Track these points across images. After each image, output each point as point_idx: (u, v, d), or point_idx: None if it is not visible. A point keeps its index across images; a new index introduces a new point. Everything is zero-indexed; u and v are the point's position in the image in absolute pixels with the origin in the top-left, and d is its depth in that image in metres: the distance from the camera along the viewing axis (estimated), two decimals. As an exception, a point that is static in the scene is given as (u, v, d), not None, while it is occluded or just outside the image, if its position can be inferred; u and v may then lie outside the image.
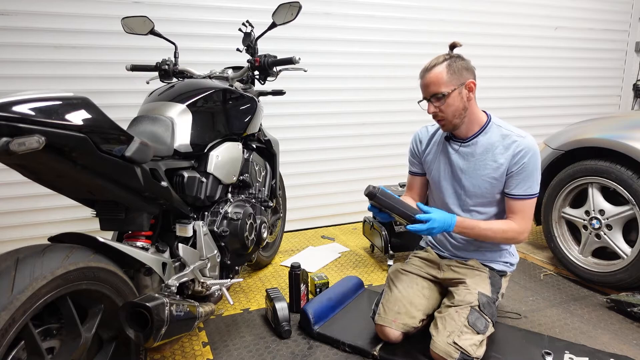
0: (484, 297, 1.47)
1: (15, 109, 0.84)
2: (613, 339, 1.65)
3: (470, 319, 1.40)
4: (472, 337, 1.37)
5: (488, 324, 1.42)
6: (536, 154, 1.46)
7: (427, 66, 1.46)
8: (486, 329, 1.41)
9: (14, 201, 2.36)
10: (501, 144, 1.48)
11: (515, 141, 1.46)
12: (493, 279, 1.57)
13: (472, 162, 1.53)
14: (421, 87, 1.49)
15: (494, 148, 1.49)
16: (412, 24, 3.08)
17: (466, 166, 1.54)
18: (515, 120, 3.59)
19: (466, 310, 1.42)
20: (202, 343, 1.64)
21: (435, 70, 1.43)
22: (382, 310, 1.55)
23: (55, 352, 0.99)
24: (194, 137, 1.46)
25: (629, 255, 1.90)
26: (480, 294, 1.48)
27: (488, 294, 1.50)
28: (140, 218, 1.24)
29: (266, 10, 2.63)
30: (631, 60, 3.96)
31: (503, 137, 1.49)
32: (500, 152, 1.48)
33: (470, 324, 1.39)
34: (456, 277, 1.58)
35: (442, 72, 1.42)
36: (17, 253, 0.91)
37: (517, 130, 1.50)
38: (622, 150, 1.89)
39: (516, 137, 1.47)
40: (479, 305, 1.44)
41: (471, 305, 1.44)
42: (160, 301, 1.10)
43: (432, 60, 1.46)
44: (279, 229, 2.47)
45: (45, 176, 1.04)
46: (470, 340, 1.36)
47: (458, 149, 1.56)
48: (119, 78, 2.44)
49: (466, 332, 1.38)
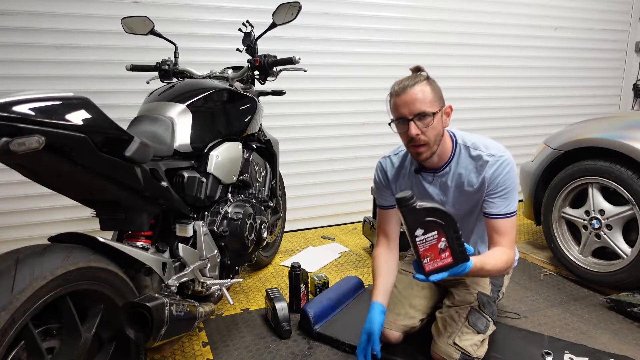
0: (484, 297, 1.47)
1: (15, 109, 0.84)
2: (613, 339, 1.65)
3: (471, 319, 1.40)
4: (472, 337, 1.37)
5: (489, 323, 1.42)
6: (511, 169, 1.36)
7: (405, 84, 1.28)
8: (487, 329, 1.41)
9: (14, 201, 2.36)
10: (473, 168, 1.38)
11: (487, 162, 1.35)
12: (493, 278, 1.56)
13: (450, 193, 1.44)
14: (399, 106, 1.30)
15: (468, 173, 1.38)
16: (411, 24, 3.08)
17: (445, 198, 1.45)
18: (515, 120, 3.59)
19: (466, 311, 1.42)
20: (202, 343, 1.64)
21: (419, 88, 1.27)
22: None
23: (55, 352, 0.99)
24: (194, 137, 1.46)
25: (629, 255, 1.90)
26: (480, 293, 1.47)
27: (488, 293, 1.50)
28: (140, 218, 1.24)
29: (266, 10, 2.62)
30: (631, 60, 3.96)
31: (473, 159, 1.38)
32: (475, 176, 1.38)
33: (470, 324, 1.39)
34: (456, 277, 1.56)
35: (428, 90, 1.27)
36: (17, 253, 0.91)
37: (483, 148, 1.38)
38: (622, 150, 1.89)
39: (486, 156, 1.36)
40: (479, 305, 1.44)
41: (471, 306, 1.43)
42: (160, 301, 1.10)
43: (404, 79, 1.30)
44: (279, 229, 2.47)
45: (45, 176, 1.04)
46: (470, 340, 1.36)
47: (432, 180, 1.44)
48: (119, 78, 2.44)
49: (467, 332, 1.38)
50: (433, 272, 1.03)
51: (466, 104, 3.36)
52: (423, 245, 1.01)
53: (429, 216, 0.99)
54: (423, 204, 0.99)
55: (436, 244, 1.01)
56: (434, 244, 1.01)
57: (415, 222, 1.01)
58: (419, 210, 0.99)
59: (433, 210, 1.00)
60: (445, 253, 1.02)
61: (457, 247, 1.02)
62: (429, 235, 1.01)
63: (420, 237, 1.01)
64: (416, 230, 1.00)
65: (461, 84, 3.31)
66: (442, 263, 1.03)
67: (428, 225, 1.00)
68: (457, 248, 1.02)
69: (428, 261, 1.02)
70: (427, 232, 1.00)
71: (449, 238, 1.01)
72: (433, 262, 1.03)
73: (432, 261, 1.03)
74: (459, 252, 1.03)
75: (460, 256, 1.03)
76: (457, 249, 1.02)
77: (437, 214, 1.00)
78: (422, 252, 1.02)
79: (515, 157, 1.41)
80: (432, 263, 1.03)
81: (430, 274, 1.04)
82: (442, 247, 1.01)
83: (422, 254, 1.02)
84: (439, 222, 1.00)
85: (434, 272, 1.04)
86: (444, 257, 1.03)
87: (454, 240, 1.02)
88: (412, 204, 0.99)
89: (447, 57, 3.23)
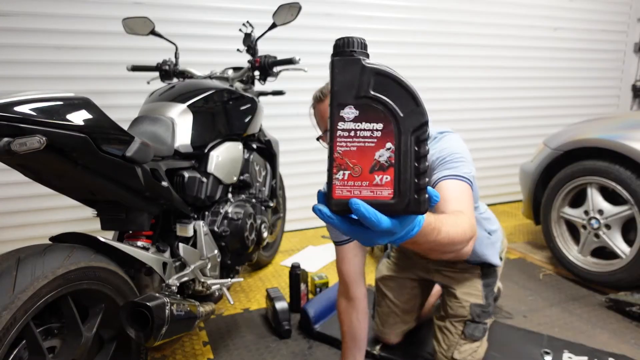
0: (478, 308, 1.39)
1: (17, 109, 0.84)
2: (612, 338, 1.65)
3: (467, 331, 1.38)
4: (470, 346, 1.37)
5: (486, 327, 1.41)
6: (452, 139, 1.19)
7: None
8: (485, 333, 1.40)
9: (15, 201, 2.36)
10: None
11: (434, 137, 1.22)
12: (486, 279, 1.43)
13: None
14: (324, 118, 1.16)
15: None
16: (412, 25, 3.08)
17: None
18: (514, 120, 3.60)
19: (461, 325, 1.39)
20: (202, 342, 1.64)
21: None
22: (378, 322, 1.57)
23: (56, 351, 0.99)
24: (195, 137, 1.47)
25: (627, 255, 1.90)
26: (473, 306, 1.38)
27: (481, 302, 1.40)
28: (141, 218, 1.24)
29: (266, 10, 2.63)
30: (630, 60, 3.96)
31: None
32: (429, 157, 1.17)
33: (467, 336, 1.37)
34: (445, 282, 1.45)
35: None
36: (18, 253, 0.91)
37: (433, 130, 1.25)
38: (620, 151, 1.89)
39: (433, 134, 1.23)
40: (472, 318, 1.38)
41: (465, 319, 1.39)
42: (160, 301, 1.10)
43: (327, 84, 1.17)
44: (279, 229, 2.48)
45: (47, 176, 1.05)
46: (469, 350, 1.37)
47: None
48: (119, 78, 2.44)
49: (464, 343, 1.38)
50: (343, 206, 0.49)
51: (465, 104, 3.37)
52: (344, 145, 0.49)
53: (378, 89, 0.49)
54: (376, 64, 0.50)
55: (372, 150, 0.48)
56: (368, 149, 0.48)
57: (345, 89, 0.49)
58: (364, 69, 0.49)
59: (390, 79, 0.49)
60: (385, 176, 0.48)
61: (411, 177, 0.48)
62: (364, 126, 0.49)
63: (345, 124, 0.49)
64: (343, 109, 0.49)
65: (461, 85, 3.32)
66: (369, 194, 0.48)
67: (369, 106, 0.49)
68: (411, 178, 0.48)
69: (342, 179, 0.49)
70: (363, 119, 0.49)
71: (403, 149, 0.48)
72: (352, 185, 0.49)
73: (349, 182, 0.49)
74: (412, 188, 0.48)
75: (412, 197, 0.48)
76: (411, 179, 0.48)
77: (395, 91, 0.49)
78: (338, 159, 0.49)
79: (514, 157, 1.39)
80: (350, 187, 0.49)
81: (339, 210, 0.49)
82: (381, 161, 0.48)
83: (336, 161, 0.49)
84: (393, 108, 0.48)
85: (344, 208, 0.48)
86: (377, 182, 0.48)
87: (411, 160, 0.48)
88: (354, 54, 0.50)
89: (447, 57, 3.23)
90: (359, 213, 0.47)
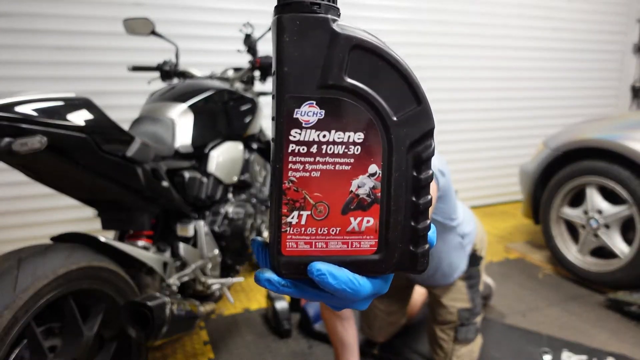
0: (466, 312, 1.40)
1: (18, 110, 0.85)
2: (611, 337, 1.65)
3: (459, 336, 1.39)
4: (467, 348, 1.39)
5: (477, 326, 1.42)
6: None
7: None
8: (477, 332, 1.41)
9: (16, 201, 2.36)
10: None
11: None
12: (469, 281, 1.42)
13: None
14: None
15: None
16: (412, 25, 3.09)
17: None
18: (514, 121, 3.60)
19: (452, 331, 1.40)
20: (203, 342, 1.64)
21: None
22: (365, 326, 1.57)
23: (57, 350, 1.00)
24: (195, 137, 1.47)
25: (626, 255, 1.91)
26: (460, 311, 1.39)
27: (468, 305, 1.40)
28: (142, 218, 1.25)
29: (267, 11, 2.64)
30: (628, 61, 3.97)
31: None
32: None
33: (460, 340, 1.38)
34: (429, 288, 1.45)
35: None
36: (19, 253, 0.92)
37: None
38: (619, 151, 1.90)
39: None
40: (462, 323, 1.39)
41: (455, 325, 1.40)
42: (161, 300, 1.10)
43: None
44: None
45: (47, 176, 1.05)
46: (466, 352, 1.38)
47: None
48: (120, 79, 2.44)
49: (459, 348, 1.39)
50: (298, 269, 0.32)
51: (465, 105, 3.37)
52: (301, 169, 0.31)
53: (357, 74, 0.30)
54: (355, 29, 0.30)
55: (346, 177, 0.31)
56: (340, 175, 0.31)
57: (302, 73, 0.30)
58: (336, 38, 0.30)
59: (378, 57, 0.30)
60: (365, 219, 0.32)
61: (405, 219, 0.32)
62: (333, 137, 0.31)
63: (302, 133, 0.30)
64: (298, 107, 0.30)
65: (460, 85, 3.32)
66: (341, 247, 0.32)
67: (341, 102, 0.30)
68: (406, 221, 0.32)
69: (297, 224, 0.31)
70: (332, 124, 0.30)
71: (395, 175, 0.31)
72: (313, 233, 0.31)
73: (309, 228, 0.31)
74: (406, 237, 0.32)
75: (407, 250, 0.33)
76: (406, 223, 0.32)
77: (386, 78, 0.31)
78: (291, 191, 0.31)
79: (513, 157, 1.39)
80: (310, 236, 0.31)
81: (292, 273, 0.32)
82: (361, 194, 0.31)
83: (287, 195, 0.31)
84: (382, 107, 0.31)
85: (300, 271, 0.32)
86: (354, 229, 0.32)
87: (406, 193, 0.32)
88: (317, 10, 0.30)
89: (447, 57, 3.24)
90: (326, 285, 0.30)
